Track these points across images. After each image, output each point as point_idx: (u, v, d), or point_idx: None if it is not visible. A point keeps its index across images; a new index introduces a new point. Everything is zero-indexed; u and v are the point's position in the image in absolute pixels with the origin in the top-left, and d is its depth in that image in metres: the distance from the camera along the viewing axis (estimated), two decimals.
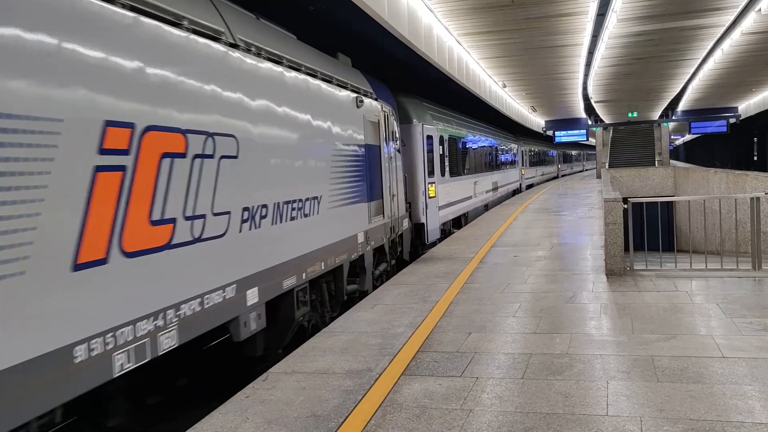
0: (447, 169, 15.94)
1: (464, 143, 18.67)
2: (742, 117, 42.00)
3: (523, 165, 35.16)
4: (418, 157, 13.49)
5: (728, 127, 41.63)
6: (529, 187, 37.11)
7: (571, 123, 42.83)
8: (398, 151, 11.38)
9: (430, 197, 13.73)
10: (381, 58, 15.09)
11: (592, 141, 54.07)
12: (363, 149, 9.14)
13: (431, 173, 14.08)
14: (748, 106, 40.66)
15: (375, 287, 9.63)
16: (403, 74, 17.01)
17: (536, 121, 42.19)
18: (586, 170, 75.64)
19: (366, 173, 9.18)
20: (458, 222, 18.11)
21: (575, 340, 5.98)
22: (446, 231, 16.25)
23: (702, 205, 18.50)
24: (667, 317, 6.65)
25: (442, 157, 15.46)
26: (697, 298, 7.49)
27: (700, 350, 5.52)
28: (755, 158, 58.67)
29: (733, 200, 13.74)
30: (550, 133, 43.31)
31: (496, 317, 7.00)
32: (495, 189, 24.49)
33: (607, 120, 44.25)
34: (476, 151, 20.89)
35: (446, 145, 16.05)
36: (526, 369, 5.27)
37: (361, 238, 8.93)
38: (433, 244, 14.08)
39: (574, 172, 68.34)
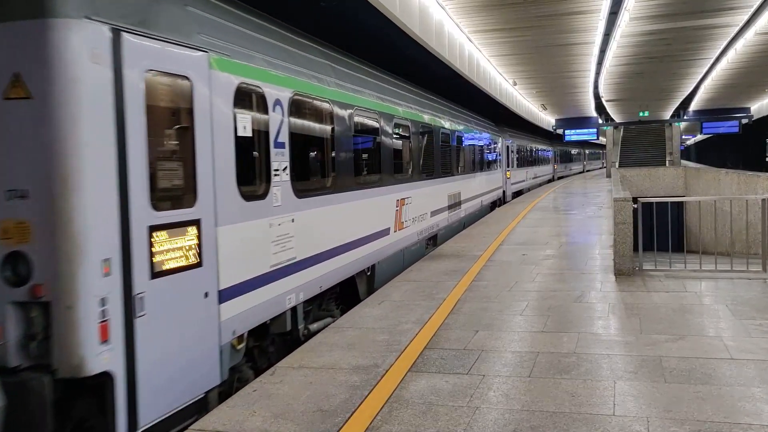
0: (285, 174, 6.35)
1: (367, 125, 9.20)
2: (755, 117, 41.77)
3: (509, 165, 25.59)
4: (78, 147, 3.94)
5: (740, 128, 41.42)
6: (517, 194, 28.02)
7: (582, 122, 42.63)
8: None
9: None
10: (391, 55, 15.09)
11: (602, 140, 53.88)
12: None
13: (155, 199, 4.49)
14: (760, 106, 40.40)
15: None
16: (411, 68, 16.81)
17: (546, 119, 42.08)
18: (588, 171, 70.31)
19: None
20: (350, 287, 8.58)
21: (583, 340, 5.97)
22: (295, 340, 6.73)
23: (712, 205, 18.40)
24: (676, 318, 6.62)
25: (251, 142, 5.84)
26: (706, 299, 7.46)
27: (708, 351, 5.50)
28: (767, 159, 58.29)
29: (744, 201, 13.66)
30: (560, 131, 43.16)
31: (504, 315, 7.00)
32: (455, 205, 15.13)
33: (617, 119, 44.07)
34: (408, 141, 11.22)
35: (285, 112, 6.41)
36: (533, 367, 5.26)
37: None
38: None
39: (573, 173, 60.53)
